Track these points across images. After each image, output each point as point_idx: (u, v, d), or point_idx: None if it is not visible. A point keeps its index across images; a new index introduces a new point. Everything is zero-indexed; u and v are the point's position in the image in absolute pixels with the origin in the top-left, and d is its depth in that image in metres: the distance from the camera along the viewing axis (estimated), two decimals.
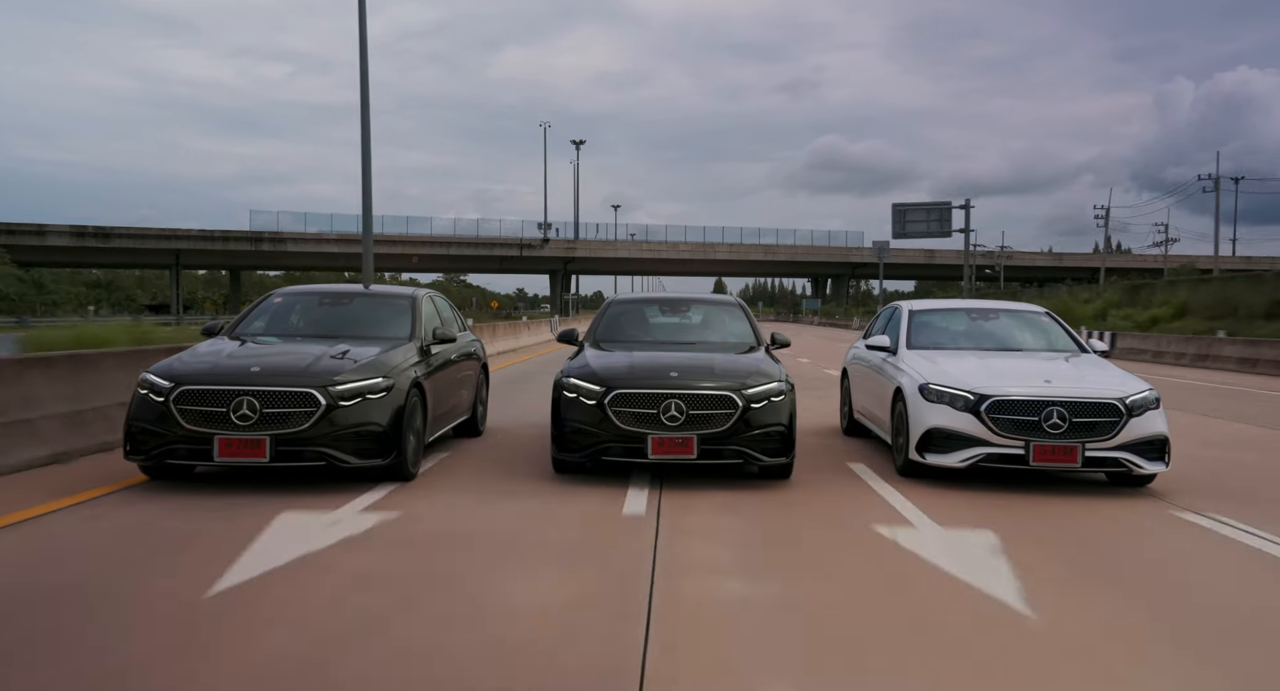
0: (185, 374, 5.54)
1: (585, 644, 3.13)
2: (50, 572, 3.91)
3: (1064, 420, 5.68)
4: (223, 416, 5.33)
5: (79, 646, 3.06)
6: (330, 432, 5.43)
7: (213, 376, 5.51)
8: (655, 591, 3.66)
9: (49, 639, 3.12)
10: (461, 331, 8.13)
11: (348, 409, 5.52)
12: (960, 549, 4.42)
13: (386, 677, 2.81)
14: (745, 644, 3.16)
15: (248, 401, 5.34)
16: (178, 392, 5.40)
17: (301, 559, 4.08)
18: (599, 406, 5.72)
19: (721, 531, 4.77)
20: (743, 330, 7.30)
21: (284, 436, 5.35)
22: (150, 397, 5.48)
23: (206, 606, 3.44)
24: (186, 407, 5.37)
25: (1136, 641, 3.27)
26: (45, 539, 4.46)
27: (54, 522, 4.73)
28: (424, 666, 2.91)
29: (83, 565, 4.00)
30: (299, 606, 3.46)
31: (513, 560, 4.16)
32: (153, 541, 4.41)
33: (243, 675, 2.85)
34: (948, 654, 3.08)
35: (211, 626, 3.23)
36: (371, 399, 5.64)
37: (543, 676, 2.86)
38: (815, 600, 3.65)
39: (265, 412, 5.34)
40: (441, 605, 3.49)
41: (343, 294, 7.65)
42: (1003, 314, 7.69)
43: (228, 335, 6.67)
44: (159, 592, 3.60)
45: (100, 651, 3.03)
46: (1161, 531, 5.04)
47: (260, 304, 7.25)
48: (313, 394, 5.44)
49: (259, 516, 4.81)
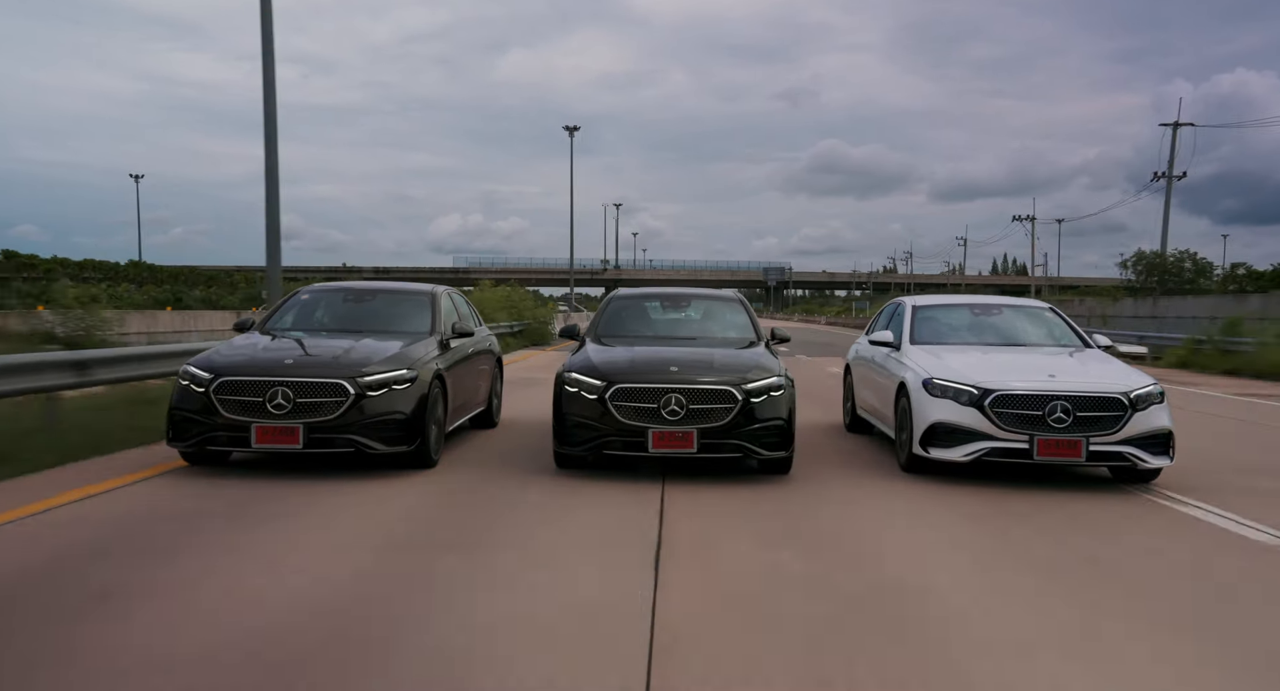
0: (224, 366, 5.84)
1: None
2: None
3: (1068, 414, 5.70)
4: (259, 406, 5.63)
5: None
6: (359, 421, 5.72)
7: (250, 368, 5.79)
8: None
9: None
10: (477, 326, 8.38)
11: (375, 398, 5.79)
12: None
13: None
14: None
15: (282, 391, 5.63)
16: (217, 383, 5.70)
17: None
18: (600, 401, 5.76)
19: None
20: (743, 325, 7.32)
21: (316, 424, 5.64)
22: (191, 388, 5.78)
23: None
24: (226, 397, 5.67)
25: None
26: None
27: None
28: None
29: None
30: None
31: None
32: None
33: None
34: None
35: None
36: (397, 389, 5.90)
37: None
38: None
39: (299, 402, 5.63)
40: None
41: (366, 290, 7.90)
42: (1006, 309, 7.72)
43: (259, 330, 6.96)
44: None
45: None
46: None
47: (289, 300, 7.53)
48: (343, 384, 5.72)
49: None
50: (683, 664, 2.94)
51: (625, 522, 4.80)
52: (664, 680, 2.81)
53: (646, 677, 2.83)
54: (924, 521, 5.02)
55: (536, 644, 3.08)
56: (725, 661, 2.97)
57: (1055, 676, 2.90)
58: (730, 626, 3.28)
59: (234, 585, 3.65)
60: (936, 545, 4.52)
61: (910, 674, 2.90)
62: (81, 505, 4.97)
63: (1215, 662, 3.08)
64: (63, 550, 4.11)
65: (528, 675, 2.82)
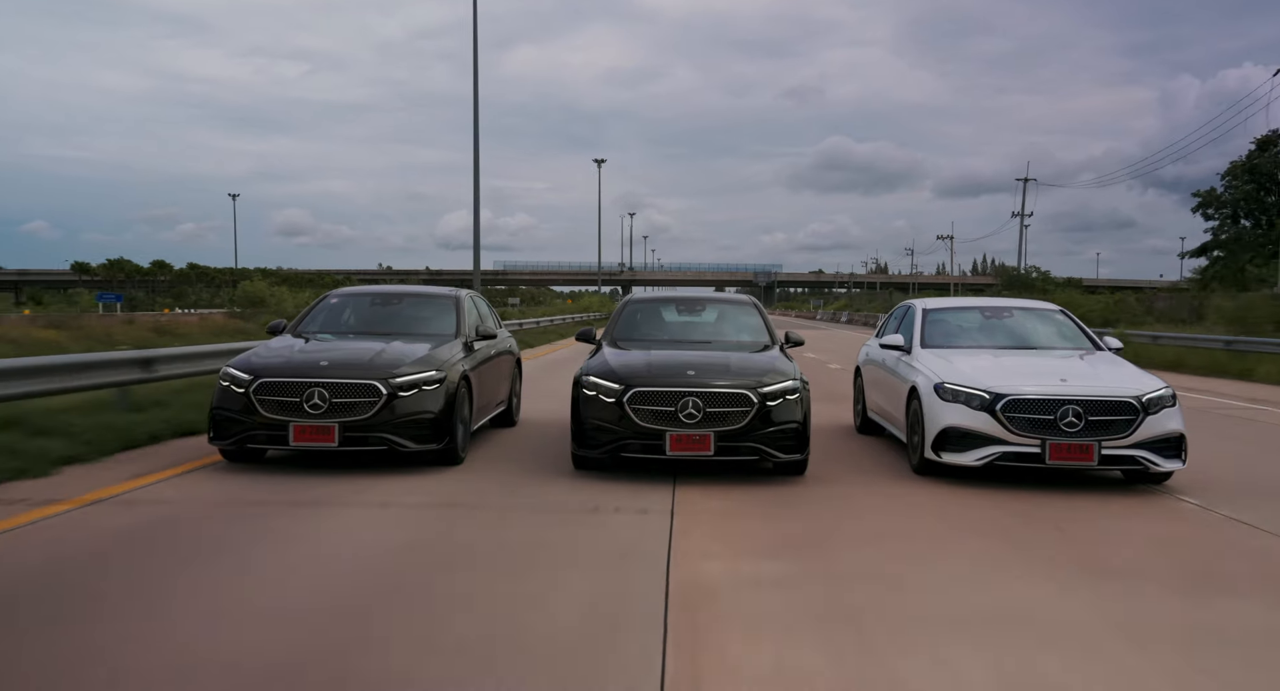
0: (263, 367, 6.08)
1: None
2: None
3: (1080, 418, 5.73)
4: (296, 405, 5.87)
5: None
6: (391, 420, 5.95)
7: (287, 369, 6.04)
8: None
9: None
10: (498, 328, 8.59)
11: (406, 398, 6.02)
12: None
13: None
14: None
15: (318, 392, 5.87)
16: (257, 384, 5.95)
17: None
18: (618, 404, 5.84)
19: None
20: (757, 328, 7.38)
21: (350, 423, 5.88)
22: (232, 389, 6.04)
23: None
24: (265, 398, 5.91)
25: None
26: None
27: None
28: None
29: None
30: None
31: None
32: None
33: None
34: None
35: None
36: (427, 390, 6.13)
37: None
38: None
39: (334, 402, 5.88)
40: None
41: (392, 294, 8.14)
42: (1017, 311, 7.75)
43: (291, 333, 7.20)
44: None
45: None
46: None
47: (318, 304, 7.77)
48: (376, 385, 5.95)
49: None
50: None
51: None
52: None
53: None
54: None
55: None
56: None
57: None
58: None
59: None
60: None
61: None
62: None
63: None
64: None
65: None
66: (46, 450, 6.07)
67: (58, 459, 6.02)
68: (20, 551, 4.19)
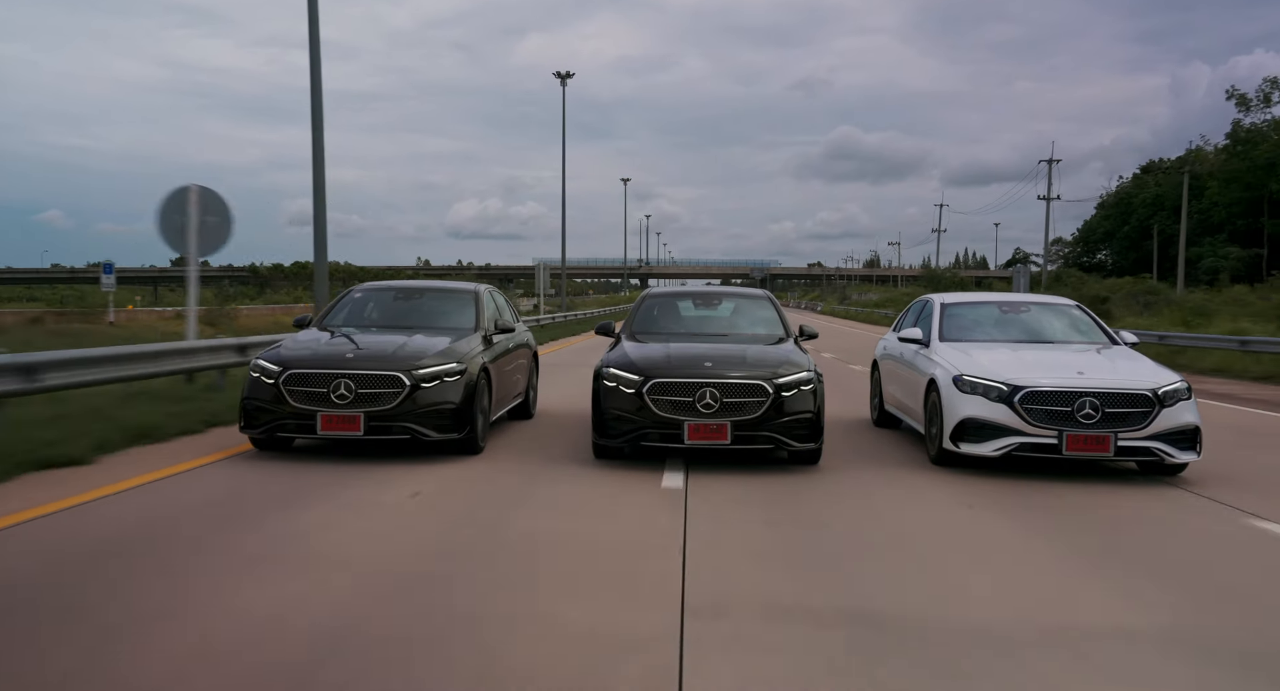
0: (292, 359, 6.27)
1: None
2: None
3: (1096, 410, 5.82)
4: (324, 396, 6.04)
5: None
6: (414, 410, 6.11)
7: (315, 361, 6.23)
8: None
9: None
10: (516, 322, 8.71)
11: (428, 389, 6.17)
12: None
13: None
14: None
15: (345, 383, 6.03)
16: (286, 375, 6.12)
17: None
18: (638, 395, 6.00)
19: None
20: (772, 321, 7.54)
21: (375, 413, 6.04)
22: (262, 380, 6.20)
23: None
24: (294, 388, 6.09)
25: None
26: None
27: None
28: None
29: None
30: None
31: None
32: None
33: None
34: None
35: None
36: (448, 381, 6.27)
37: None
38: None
39: (360, 393, 6.04)
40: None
41: (413, 289, 8.29)
42: (1033, 306, 7.85)
43: (317, 326, 7.37)
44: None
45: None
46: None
47: (342, 298, 7.94)
48: (399, 377, 6.10)
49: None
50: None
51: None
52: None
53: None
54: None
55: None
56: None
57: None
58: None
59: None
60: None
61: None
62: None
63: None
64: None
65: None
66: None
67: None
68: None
